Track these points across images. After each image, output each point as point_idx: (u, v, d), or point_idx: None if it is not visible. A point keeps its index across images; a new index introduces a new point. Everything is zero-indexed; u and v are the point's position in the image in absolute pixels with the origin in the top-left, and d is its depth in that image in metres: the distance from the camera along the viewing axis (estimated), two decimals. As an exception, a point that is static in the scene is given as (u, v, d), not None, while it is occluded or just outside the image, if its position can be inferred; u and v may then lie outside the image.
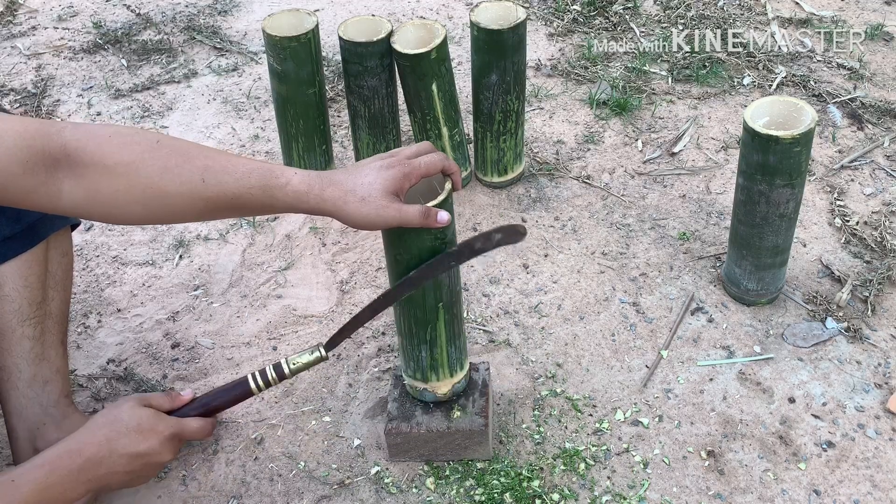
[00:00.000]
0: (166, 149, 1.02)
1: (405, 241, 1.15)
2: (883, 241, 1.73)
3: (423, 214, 1.08)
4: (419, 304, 1.22)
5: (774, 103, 1.45)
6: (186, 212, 1.04)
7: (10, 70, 2.48)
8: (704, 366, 1.52)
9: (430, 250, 1.16)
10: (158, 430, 1.13)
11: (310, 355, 1.22)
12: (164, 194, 1.01)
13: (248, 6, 2.76)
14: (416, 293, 1.20)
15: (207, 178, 1.01)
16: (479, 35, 1.71)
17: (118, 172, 0.99)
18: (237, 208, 1.05)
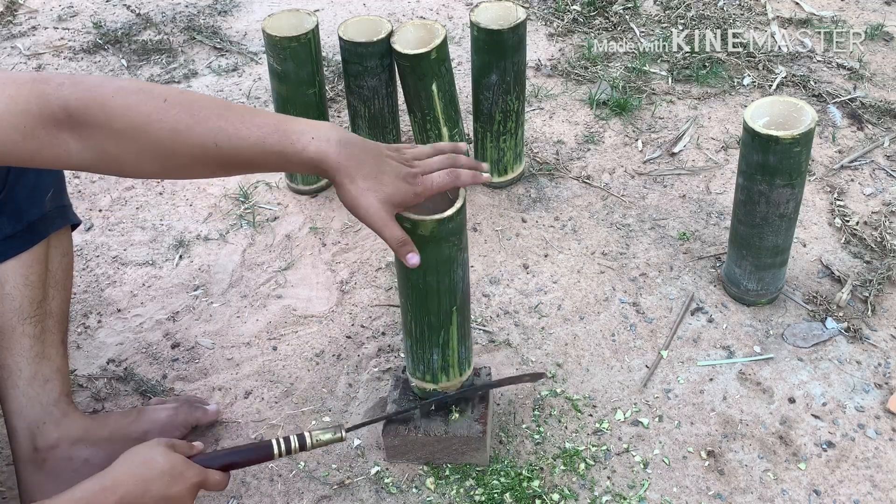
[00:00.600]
0: (175, 108, 0.98)
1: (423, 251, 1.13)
2: (883, 241, 1.73)
3: (400, 244, 1.09)
4: (434, 309, 1.23)
5: (774, 103, 1.45)
6: (200, 171, 1.04)
7: (10, 70, 2.48)
8: (704, 366, 1.52)
9: (446, 260, 1.17)
10: (187, 477, 1.14)
11: (332, 434, 1.25)
12: (176, 155, 0.99)
13: (248, 6, 2.76)
14: (430, 297, 1.21)
15: (220, 141, 0.99)
16: (479, 35, 1.71)
17: (127, 136, 0.97)
18: (251, 167, 1.04)
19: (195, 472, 1.16)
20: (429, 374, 1.31)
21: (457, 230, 1.16)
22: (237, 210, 1.93)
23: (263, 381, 1.54)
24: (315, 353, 1.59)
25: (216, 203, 1.95)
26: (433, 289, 1.20)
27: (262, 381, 1.54)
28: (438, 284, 1.20)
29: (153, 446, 1.15)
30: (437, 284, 1.20)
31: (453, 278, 1.20)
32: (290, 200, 1.95)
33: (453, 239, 1.16)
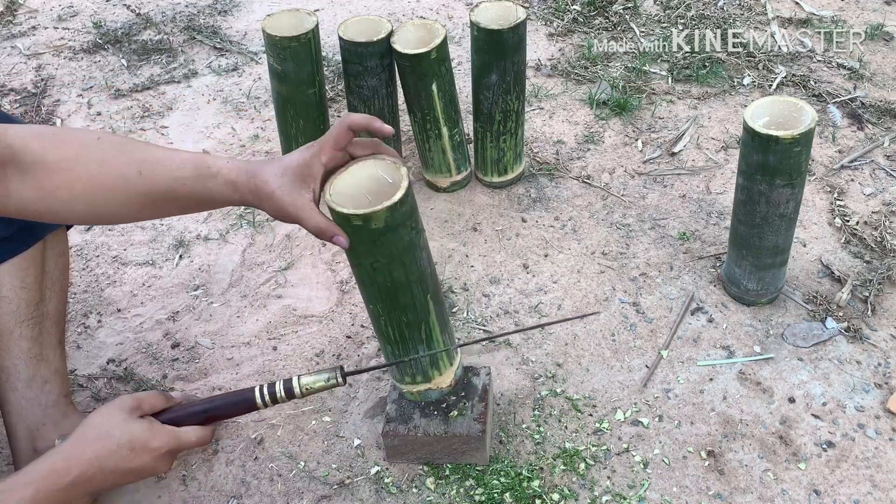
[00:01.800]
0: (106, 144, 1.02)
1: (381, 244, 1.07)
2: (883, 241, 1.73)
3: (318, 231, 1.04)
4: (408, 304, 1.16)
5: (774, 103, 1.45)
6: (125, 207, 1.03)
7: (10, 70, 2.48)
8: (704, 366, 1.52)
9: (408, 247, 1.10)
10: (152, 448, 1.06)
11: (325, 380, 1.15)
12: (102, 188, 1.00)
13: (248, 6, 2.76)
14: (401, 293, 1.13)
15: (144, 169, 1.01)
16: (479, 35, 1.71)
17: (59, 168, 0.99)
18: (174, 200, 1.03)
19: (162, 441, 1.07)
20: (419, 376, 1.28)
21: (410, 212, 1.08)
22: (237, 210, 1.93)
23: (263, 380, 1.54)
24: (315, 352, 1.59)
25: (216, 203, 1.95)
26: (402, 282, 1.13)
27: (262, 381, 1.54)
28: (407, 276, 1.13)
29: (112, 414, 1.06)
30: (405, 277, 1.13)
31: (420, 265, 1.14)
32: (289, 200, 1.94)
33: (409, 223, 1.08)
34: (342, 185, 1.08)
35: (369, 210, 1.03)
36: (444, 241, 1.80)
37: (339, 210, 1.04)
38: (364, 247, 1.09)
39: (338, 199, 1.06)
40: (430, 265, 1.17)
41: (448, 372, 1.30)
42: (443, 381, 1.30)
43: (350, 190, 1.09)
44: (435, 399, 1.33)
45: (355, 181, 1.10)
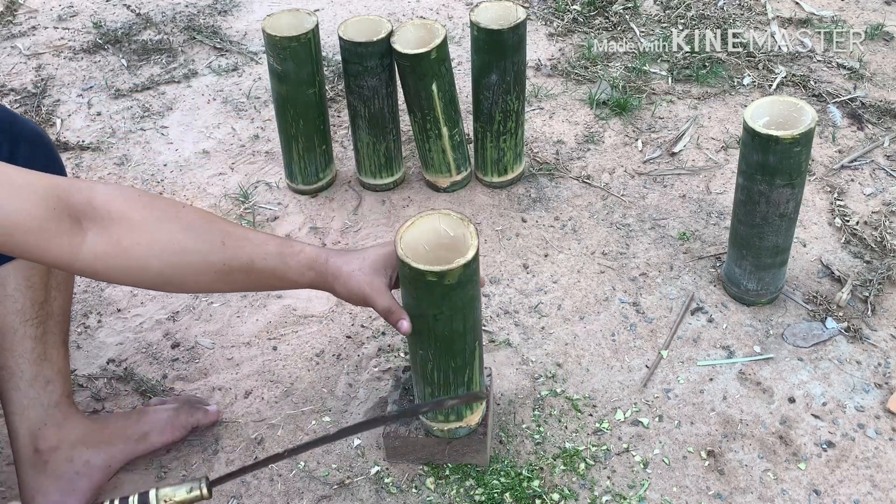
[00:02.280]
0: (192, 211, 1.06)
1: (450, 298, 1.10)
2: (883, 241, 1.73)
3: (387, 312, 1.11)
4: (460, 351, 1.19)
5: (774, 103, 1.45)
6: (200, 273, 1.05)
7: (10, 70, 2.49)
8: (704, 366, 1.52)
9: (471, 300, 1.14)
10: None
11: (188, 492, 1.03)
12: (184, 251, 1.02)
13: (248, 6, 2.76)
14: (457, 341, 1.17)
15: (228, 241, 1.04)
16: (479, 35, 1.71)
17: (142, 226, 1.00)
18: (250, 273, 1.06)
19: None
20: (453, 415, 1.29)
21: (476, 269, 1.12)
22: (237, 210, 1.93)
23: (263, 381, 1.54)
24: (315, 352, 1.59)
25: (216, 203, 1.95)
26: (459, 332, 1.17)
27: (262, 381, 1.54)
28: (465, 326, 1.17)
29: None
30: (463, 327, 1.16)
31: (476, 316, 1.18)
32: (290, 200, 1.95)
33: (475, 279, 1.12)
34: (412, 236, 1.13)
35: (446, 268, 1.06)
36: (444, 241, 1.80)
37: (414, 265, 1.07)
38: (432, 301, 1.12)
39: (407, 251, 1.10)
40: (481, 314, 1.20)
41: (479, 410, 1.32)
42: (473, 419, 1.31)
43: (420, 236, 1.14)
44: (463, 435, 1.32)
45: (419, 234, 1.14)
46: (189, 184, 2.01)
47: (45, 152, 1.24)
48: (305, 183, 1.94)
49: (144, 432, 1.38)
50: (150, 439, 1.38)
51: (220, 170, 2.06)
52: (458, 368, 1.21)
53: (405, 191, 1.96)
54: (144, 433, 1.38)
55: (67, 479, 1.30)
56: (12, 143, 1.20)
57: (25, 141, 1.21)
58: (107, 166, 2.09)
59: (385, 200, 1.93)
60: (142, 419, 1.39)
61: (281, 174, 2.01)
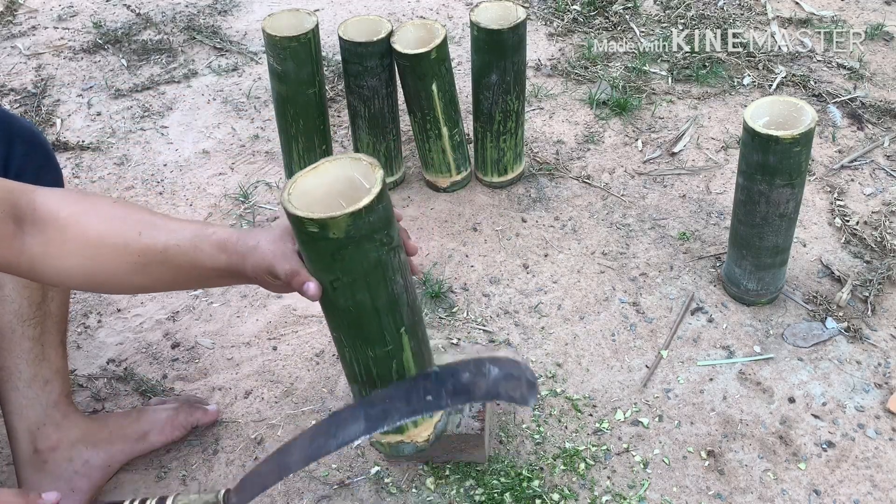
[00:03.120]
0: (118, 205, 1.02)
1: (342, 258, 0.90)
2: (883, 241, 1.73)
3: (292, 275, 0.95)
4: (376, 337, 0.97)
5: (774, 103, 1.45)
6: (120, 267, 1.01)
7: (10, 70, 2.49)
8: (704, 366, 1.52)
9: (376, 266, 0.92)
10: None
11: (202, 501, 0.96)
12: (102, 244, 0.99)
13: (248, 6, 2.76)
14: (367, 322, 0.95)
15: (144, 230, 0.99)
16: (479, 35, 1.71)
17: (68, 223, 0.99)
18: (166, 263, 1.00)
19: None
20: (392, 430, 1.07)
21: (381, 224, 0.90)
22: (237, 210, 1.93)
23: (263, 381, 1.54)
24: (315, 352, 1.59)
25: (216, 203, 1.95)
26: (367, 309, 0.94)
27: (262, 381, 1.54)
28: (374, 302, 0.94)
29: None
30: (371, 302, 0.94)
31: (392, 290, 0.94)
32: (290, 200, 1.95)
33: (379, 236, 0.90)
34: (309, 185, 0.93)
35: (327, 215, 0.86)
36: (444, 241, 1.80)
37: (293, 212, 0.88)
38: (322, 261, 0.92)
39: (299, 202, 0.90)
40: (408, 293, 0.97)
41: (425, 425, 1.08)
42: (418, 436, 1.09)
43: (319, 192, 0.93)
44: (408, 453, 1.11)
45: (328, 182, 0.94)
46: (189, 184, 2.01)
47: (40, 153, 1.24)
48: (305, 183, 1.94)
49: (144, 432, 1.38)
50: (150, 439, 1.38)
51: (220, 170, 2.06)
52: (378, 360, 0.99)
53: (405, 191, 1.96)
54: (144, 433, 1.38)
55: (67, 479, 1.30)
56: (8, 143, 1.19)
57: (21, 141, 1.21)
58: (107, 166, 2.09)
59: (385, 200, 1.93)
60: (141, 419, 1.39)
61: (281, 174, 2.01)
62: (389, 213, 0.92)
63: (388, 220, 0.91)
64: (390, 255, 0.92)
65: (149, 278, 1.02)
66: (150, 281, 1.02)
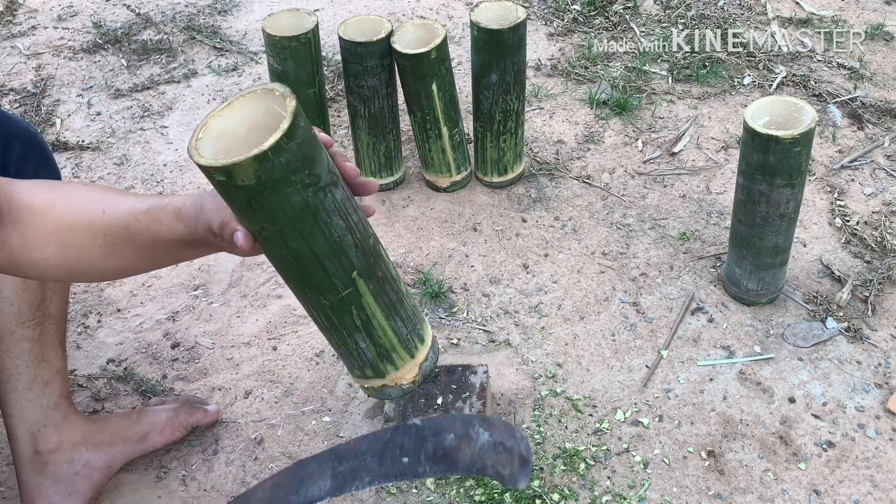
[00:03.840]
0: (86, 187, 1.00)
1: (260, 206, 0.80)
2: (883, 241, 1.73)
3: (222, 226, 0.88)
4: (325, 284, 0.87)
5: (774, 103, 1.45)
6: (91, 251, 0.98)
7: (9, 70, 2.48)
8: (704, 366, 1.52)
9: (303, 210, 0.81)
10: None
11: None
12: (70, 228, 0.96)
13: (248, 6, 2.76)
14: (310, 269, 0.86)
15: (108, 209, 0.96)
16: (479, 35, 1.71)
17: (40, 211, 0.96)
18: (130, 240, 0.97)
19: None
20: (369, 370, 0.97)
21: (299, 163, 0.78)
22: (237, 210, 1.93)
23: (263, 381, 1.54)
24: (315, 352, 1.59)
25: (216, 203, 1.95)
26: (306, 256, 0.85)
27: (262, 381, 1.54)
28: (311, 248, 0.84)
29: None
30: (308, 249, 0.84)
31: (331, 233, 0.84)
32: (290, 200, 1.94)
33: (298, 177, 0.78)
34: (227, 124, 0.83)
35: (229, 162, 0.75)
36: (444, 241, 1.80)
37: (197, 161, 0.78)
38: (242, 211, 0.82)
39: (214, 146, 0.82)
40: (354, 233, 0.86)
41: (408, 366, 0.97)
42: (402, 378, 0.98)
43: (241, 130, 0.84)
44: (397, 396, 1.01)
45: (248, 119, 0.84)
46: (189, 184, 2.01)
47: (38, 153, 1.24)
48: (305, 183, 1.94)
49: (144, 432, 1.38)
50: (150, 439, 1.38)
51: (219, 170, 2.05)
52: (335, 307, 0.90)
53: (405, 191, 1.96)
54: (144, 433, 1.38)
55: (67, 481, 1.30)
56: (5, 143, 1.19)
57: (19, 142, 1.21)
58: (107, 166, 2.09)
59: (385, 200, 1.93)
60: (141, 419, 1.39)
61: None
62: (309, 150, 0.79)
63: (309, 158, 0.79)
64: (319, 195, 0.81)
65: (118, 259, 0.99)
66: (120, 262, 0.99)
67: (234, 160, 0.75)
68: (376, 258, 0.90)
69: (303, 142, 0.78)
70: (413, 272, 1.73)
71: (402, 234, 1.83)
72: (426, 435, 0.86)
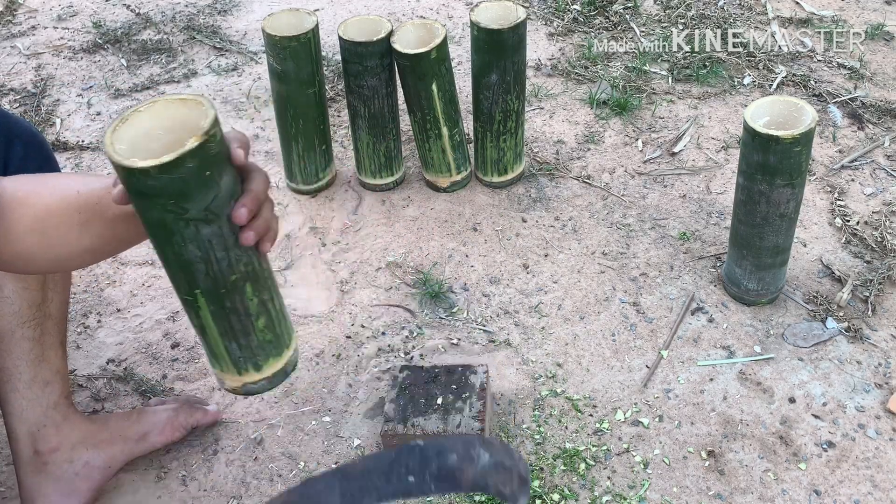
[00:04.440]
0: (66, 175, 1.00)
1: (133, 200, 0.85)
2: (883, 241, 1.73)
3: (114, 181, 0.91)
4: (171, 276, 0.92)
5: (775, 103, 1.45)
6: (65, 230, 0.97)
7: (9, 70, 2.48)
8: (704, 366, 1.52)
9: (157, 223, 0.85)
10: None
11: None
12: (49, 214, 0.96)
13: (248, 6, 2.76)
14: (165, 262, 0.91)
15: (82, 188, 0.96)
16: (479, 35, 1.71)
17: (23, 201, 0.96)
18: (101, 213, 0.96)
19: None
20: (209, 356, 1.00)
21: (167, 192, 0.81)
22: (237, 210, 1.92)
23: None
24: (315, 353, 1.59)
25: (216, 203, 1.95)
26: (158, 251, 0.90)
27: (262, 382, 1.54)
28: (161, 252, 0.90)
29: None
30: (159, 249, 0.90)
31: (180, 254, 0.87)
32: (289, 200, 1.95)
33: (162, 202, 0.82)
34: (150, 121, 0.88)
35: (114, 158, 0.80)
36: (444, 241, 1.80)
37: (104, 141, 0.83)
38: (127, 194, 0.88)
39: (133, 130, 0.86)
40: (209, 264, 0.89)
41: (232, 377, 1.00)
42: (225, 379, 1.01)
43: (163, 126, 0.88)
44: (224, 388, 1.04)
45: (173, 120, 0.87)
46: (189, 184, 2.01)
47: (39, 152, 1.24)
48: (305, 183, 1.94)
49: (144, 432, 1.38)
50: (150, 439, 1.38)
51: (219, 170, 2.05)
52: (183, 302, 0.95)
53: (405, 191, 1.95)
54: (144, 433, 1.37)
55: (67, 480, 1.30)
56: (7, 143, 1.19)
57: (21, 142, 1.21)
58: (106, 166, 2.09)
59: (385, 200, 1.93)
60: (141, 419, 1.39)
61: (281, 174, 2.01)
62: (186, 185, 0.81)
63: (180, 192, 0.81)
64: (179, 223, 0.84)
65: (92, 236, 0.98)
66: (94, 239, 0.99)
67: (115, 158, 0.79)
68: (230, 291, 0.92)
69: (179, 178, 0.80)
70: (413, 272, 1.74)
71: (402, 234, 1.83)
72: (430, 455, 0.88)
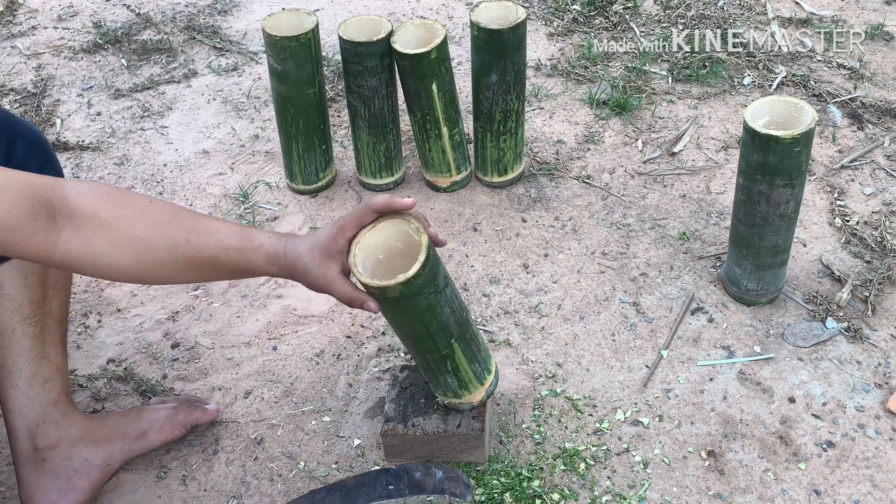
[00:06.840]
0: (159, 208, 1.09)
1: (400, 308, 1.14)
2: (883, 241, 1.73)
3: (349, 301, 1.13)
4: (432, 348, 1.22)
5: (774, 103, 1.45)
6: (169, 268, 1.08)
7: (10, 70, 2.49)
8: (704, 366, 1.52)
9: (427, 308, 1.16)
10: None
11: None
12: (151, 248, 1.06)
13: (248, 6, 2.76)
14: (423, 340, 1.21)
15: (192, 237, 1.08)
16: (479, 35, 1.71)
17: (112, 226, 1.04)
18: (215, 267, 1.10)
19: None
20: (450, 392, 1.31)
21: (428, 281, 1.13)
22: (237, 210, 1.93)
23: (263, 380, 1.54)
24: (315, 352, 1.59)
25: (216, 203, 1.95)
26: (423, 333, 1.19)
27: (262, 381, 1.54)
28: (427, 329, 1.19)
29: None
30: (425, 329, 1.19)
31: (441, 320, 1.19)
32: (289, 200, 1.95)
33: (427, 290, 1.13)
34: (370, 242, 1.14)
35: (384, 283, 1.08)
36: (444, 241, 1.80)
37: (358, 278, 1.11)
38: (385, 308, 1.16)
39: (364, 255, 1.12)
40: (455, 314, 1.21)
41: (478, 392, 1.32)
42: (474, 399, 1.32)
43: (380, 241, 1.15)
44: (465, 409, 1.35)
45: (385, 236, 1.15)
46: (189, 184, 2.01)
47: (41, 152, 1.24)
48: (305, 183, 1.94)
49: (143, 430, 1.38)
50: (149, 437, 1.38)
51: (219, 170, 2.06)
52: (436, 360, 1.25)
53: (405, 191, 1.95)
54: (143, 431, 1.38)
55: (66, 478, 1.30)
56: (9, 143, 1.20)
57: (22, 141, 1.21)
58: (107, 166, 2.09)
59: (385, 200, 1.93)
60: (141, 417, 1.39)
61: (281, 174, 2.01)
62: (434, 268, 1.13)
63: (434, 274, 1.13)
64: (438, 296, 1.16)
65: (197, 277, 1.13)
66: (201, 279, 1.15)
67: (387, 284, 1.08)
68: (467, 325, 1.25)
69: (432, 263, 1.12)
70: (413, 272, 1.73)
71: (402, 234, 1.83)
72: (402, 473, 1.27)
